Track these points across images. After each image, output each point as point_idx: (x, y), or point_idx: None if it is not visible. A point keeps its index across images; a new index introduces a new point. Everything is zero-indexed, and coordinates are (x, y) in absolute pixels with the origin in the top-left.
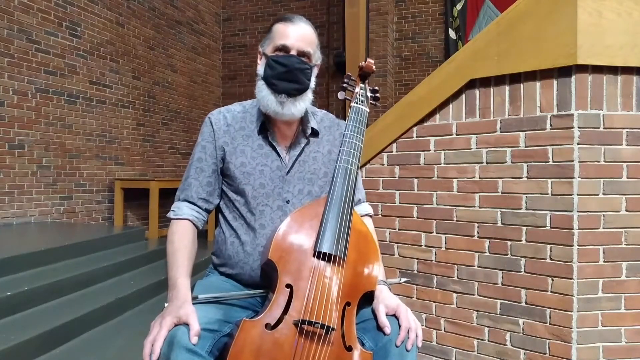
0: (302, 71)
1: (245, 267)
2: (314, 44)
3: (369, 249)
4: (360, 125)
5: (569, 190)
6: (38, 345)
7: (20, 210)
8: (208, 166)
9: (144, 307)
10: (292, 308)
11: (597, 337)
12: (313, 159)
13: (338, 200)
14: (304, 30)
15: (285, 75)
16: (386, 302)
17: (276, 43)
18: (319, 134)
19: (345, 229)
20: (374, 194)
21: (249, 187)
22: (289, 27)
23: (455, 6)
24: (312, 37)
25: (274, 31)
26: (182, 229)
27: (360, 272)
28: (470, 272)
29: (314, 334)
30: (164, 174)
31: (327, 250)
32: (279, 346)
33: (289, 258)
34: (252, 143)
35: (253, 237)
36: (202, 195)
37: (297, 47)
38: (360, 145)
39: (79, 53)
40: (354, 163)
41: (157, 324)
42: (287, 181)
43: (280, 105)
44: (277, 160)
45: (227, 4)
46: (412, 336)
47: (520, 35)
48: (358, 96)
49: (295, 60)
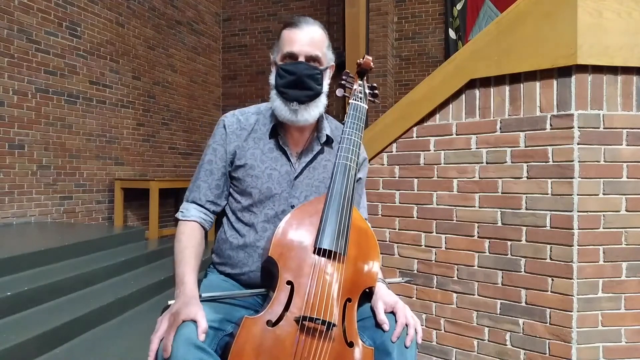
0: (312, 77)
1: (245, 268)
2: (324, 46)
3: (369, 246)
4: (359, 122)
5: (569, 190)
6: (38, 345)
7: (20, 210)
8: (218, 169)
9: (144, 307)
10: (293, 305)
11: (597, 337)
12: (324, 167)
13: (338, 197)
14: (311, 33)
15: (295, 83)
16: (385, 298)
17: (283, 51)
18: (333, 143)
19: (345, 225)
20: (374, 194)
21: (256, 190)
22: (295, 33)
23: (455, 6)
24: (321, 39)
25: (281, 38)
26: (189, 229)
27: (361, 269)
28: (470, 272)
29: (315, 330)
30: (164, 174)
31: (327, 247)
32: (280, 343)
33: (289, 255)
34: (262, 146)
35: (254, 239)
36: (210, 197)
37: (305, 52)
38: (359, 141)
39: (79, 53)
40: (353, 159)
41: (166, 319)
42: (294, 186)
43: (293, 114)
44: (287, 165)
45: (227, 4)
46: (411, 332)
47: (520, 35)
48: (356, 93)
49: (303, 67)
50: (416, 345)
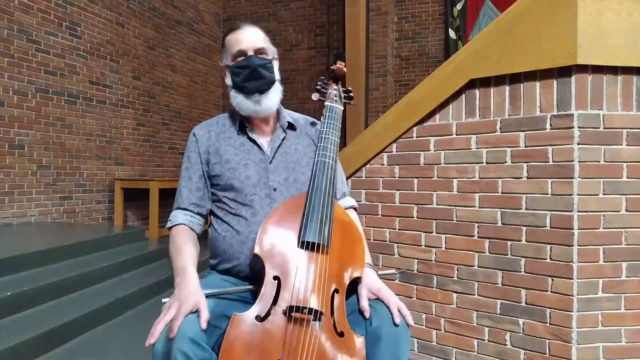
0: (264, 66)
1: (241, 257)
2: (266, 40)
3: (353, 237)
4: (335, 121)
5: (569, 190)
6: (38, 345)
7: (20, 210)
8: (194, 172)
9: (144, 307)
10: (280, 298)
11: (597, 337)
12: (294, 150)
13: (319, 192)
14: (252, 31)
15: (251, 76)
16: (369, 285)
17: (233, 51)
18: (297, 129)
19: (327, 218)
20: (374, 194)
21: (236, 180)
22: (239, 34)
23: (455, 6)
24: (262, 34)
25: (227, 44)
26: (181, 232)
27: (346, 260)
28: (470, 272)
29: (303, 320)
30: (164, 174)
31: (311, 240)
32: (270, 336)
33: (274, 251)
34: (233, 143)
35: (245, 226)
36: (193, 200)
37: (252, 47)
38: (336, 140)
39: (79, 53)
40: (331, 157)
41: (174, 307)
42: (271, 171)
43: (257, 104)
44: (260, 153)
45: (227, 4)
46: (404, 312)
47: (520, 35)
48: (332, 96)
49: (255, 59)
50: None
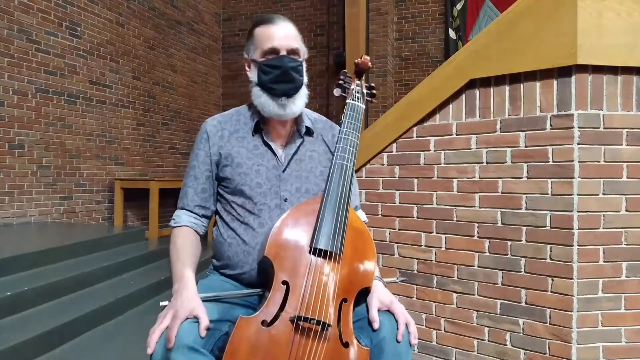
0: (296, 69)
1: (245, 267)
2: (299, 39)
3: (366, 246)
4: (356, 121)
5: (569, 190)
6: (37, 346)
7: (20, 210)
8: (201, 173)
9: (144, 308)
10: (288, 305)
11: (597, 337)
12: (309, 158)
13: (334, 197)
14: (287, 27)
15: (281, 77)
16: (380, 297)
17: (264, 47)
18: (314, 134)
19: (341, 225)
20: (374, 194)
21: (247, 187)
22: (272, 29)
23: (455, 6)
24: (296, 32)
25: (256, 36)
26: (183, 233)
27: (357, 269)
28: (470, 272)
29: (310, 330)
30: (164, 174)
31: (323, 247)
32: (275, 343)
33: (285, 255)
34: (247, 144)
35: (252, 236)
36: (198, 202)
37: (286, 46)
38: (355, 141)
39: (79, 53)
40: (350, 159)
41: (170, 314)
42: (283, 179)
43: (281, 108)
44: (273, 159)
45: (227, 4)
46: (411, 329)
47: (520, 35)
48: (354, 93)
49: (287, 60)
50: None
